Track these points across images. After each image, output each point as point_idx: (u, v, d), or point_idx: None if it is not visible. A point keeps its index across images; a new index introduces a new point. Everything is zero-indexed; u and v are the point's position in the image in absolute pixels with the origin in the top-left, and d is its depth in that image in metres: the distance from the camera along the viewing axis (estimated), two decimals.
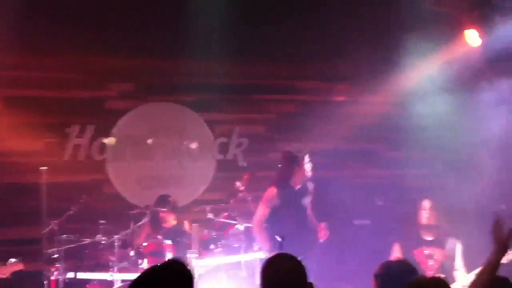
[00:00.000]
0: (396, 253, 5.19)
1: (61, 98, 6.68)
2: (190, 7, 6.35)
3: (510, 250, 3.26)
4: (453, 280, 5.04)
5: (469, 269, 4.96)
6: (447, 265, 5.19)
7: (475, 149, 6.92)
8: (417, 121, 7.48)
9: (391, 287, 3.20)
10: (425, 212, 5.28)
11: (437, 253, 5.18)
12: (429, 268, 5.10)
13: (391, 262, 3.42)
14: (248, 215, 5.73)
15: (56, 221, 5.49)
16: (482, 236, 3.22)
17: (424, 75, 7.15)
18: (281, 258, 2.83)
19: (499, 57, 6.45)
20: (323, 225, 5.39)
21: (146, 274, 2.43)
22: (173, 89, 7.01)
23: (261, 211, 5.44)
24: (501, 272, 3.12)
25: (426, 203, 5.32)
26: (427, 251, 5.16)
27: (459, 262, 5.20)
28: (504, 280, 3.13)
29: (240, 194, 5.84)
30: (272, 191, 5.45)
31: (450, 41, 6.95)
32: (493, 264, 3.02)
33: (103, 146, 6.77)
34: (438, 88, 7.12)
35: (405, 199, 7.34)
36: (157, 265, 2.48)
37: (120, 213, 5.97)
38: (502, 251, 3.04)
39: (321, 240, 5.40)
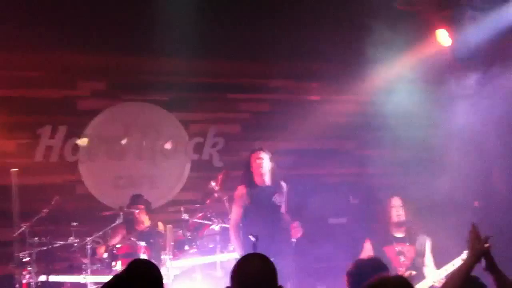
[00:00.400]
0: (367, 251, 5.25)
1: (32, 97, 6.58)
2: (165, 5, 6.30)
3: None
4: (424, 277, 5.12)
5: (438, 265, 5.04)
6: (418, 261, 5.25)
7: (445, 145, 7.03)
8: (388, 119, 7.58)
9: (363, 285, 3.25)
10: (395, 209, 5.34)
11: (408, 250, 5.25)
12: (401, 264, 5.16)
13: (362, 260, 3.46)
14: (223, 216, 5.73)
15: (27, 224, 5.39)
16: (451, 232, 3.28)
17: (395, 74, 7.23)
18: (251, 258, 2.78)
19: (469, 56, 6.56)
20: (296, 223, 5.41)
21: (113, 280, 2.39)
22: (147, 88, 6.95)
23: (235, 210, 5.49)
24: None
25: (396, 201, 5.38)
26: (398, 248, 5.23)
27: (429, 258, 5.28)
28: (475, 279, 3.19)
29: (215, 194, 5.83)
30: (241, 189, 5.50)
31: (421, 40, 7.04)
32: (466, 270, 3.08)
33: (75, 147, 6.68)
34: (409, 86, 7.21)
35: (377, 197, 7.45)
36: (123, 271, 2.44)
37: (93, 215, 5.91)
38: (477, 259, 3.09)
39: (294, 239, 5.42)
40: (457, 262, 4.59)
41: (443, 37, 6.87)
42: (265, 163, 5.41)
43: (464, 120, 6.59)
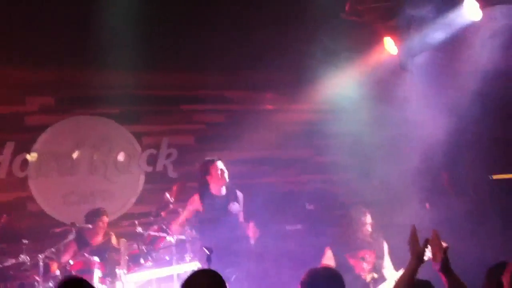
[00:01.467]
0: (328, 258, 5.30)
1: None
2: (113, 18, 6.24)
3: (427, 254, 3.39)
4: (385, 278, 5.21)
5: (397, 267, 5.14)
6: (379, 264, 5.35)
7: (397, 147, 7.21)
8: (341, 126, 7.74)
9: None
10: (367, 226, 5.40)
11: (370, 255, 5.33)
12: (363, 270, 5.24)
13: (316, 269, 3.49)
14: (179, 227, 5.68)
15: None
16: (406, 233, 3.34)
17: (346, 81, 7.38)
18: (200, 274, 2.79)
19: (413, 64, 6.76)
20: (251, 224, 5.43)
21: None
22: (96, 102, 6.85)
23: (185, 213, 5.60)
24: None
25: (368, 219, 5.44)
26: (360, 254, 5.29)
27: (387, 260, 5.38)
28: (426, 283, 3.27)
29: (171, 206, 5.78)
30: (195, 197, 5.59)
31: (370, 49, 7.23)
32: (410, 273, 3.19)
33: (24, 162, 6.51)
34: (359, 92, 7.38)
35: (334, 203, 7.56)
36: None
37: (45, 231, 5.76)
38: (419, 261, 3.20)
39: (252, 240, 5.43)
40: None
41: (390, 45, 7.07)
42: (226, 173, 5.48)
43: (414, 119, 6.77)
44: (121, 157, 6.89)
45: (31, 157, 6.52)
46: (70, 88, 6.76)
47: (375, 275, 5.17)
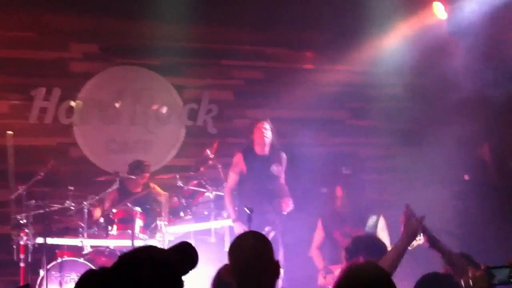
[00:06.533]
0: (319, 229, 5.41)
1: (24, 58, 6.50)
2: None
3: (419, 237, 3.46)
4: None
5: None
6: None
7: (436, 116, 7.14)
8: (382, 90, 7.67)
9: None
10: (339, 199, 5.35)
11: (356, 232, 5.22)
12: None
13: (360, 236, 3.59)
14: (218, 183, 5.81)
15: (24, 186, 5.42)
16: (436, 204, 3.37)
17: (391, 45, 7.26)
18: (245, 236, 2.83)
19: (463, 31, 6.60)
20: (289, 200, 5.50)
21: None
22: (139, 52, 6.87)
23: (230, 177, 5.66)
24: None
25: (339, 191, 5.37)
26: (346, 230, 5.24)
27: (383, 236, 5.22)
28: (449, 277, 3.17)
29: (210, 162, 5.90)
30: (239, 157, 5.62)
31: (417, 12, 7.06)
32: (402, 248, 3.23)
33: (69, 110, 6.66)
34: (404, 58, 7.26)
35: (368, 168, 7.60)
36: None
37: (88, 178, 5.94)
38: (411, 239, 3.26)
39: (284, 212, 5.52)
40: None
41: (439, 9, 6.90)
42: (269, 133, 5.53)
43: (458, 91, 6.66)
44: (164, 109, 6.97)
45: (77, 104, 6.66)
46: (113, 37, 6.78)
47: None
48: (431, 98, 7.25)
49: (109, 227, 5.43)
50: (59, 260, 5.23)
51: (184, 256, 2.30)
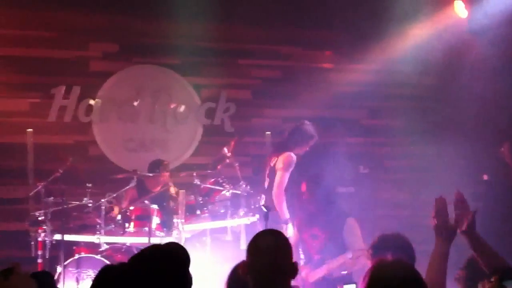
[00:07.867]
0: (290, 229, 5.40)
1: (44, 57, 6.58)
2: None
3: None
4: None
5: None
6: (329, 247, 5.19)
7: (457, 116, 7.05)
8: (400, 90, 7.60)
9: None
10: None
11: (320, 234, 5.12)
12: (312, 248, 5.13)
13: (386, 235, 3.53)
14: (235, 181, 5.81)
15: (42, 183, 5.48)
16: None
17: (409, 44, 7.20)
18: (265, 234, 2.79)
19: (485, 29, 6.52)
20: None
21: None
22: (158, 51, 6.91)
23: (285, 177, 5.69)
24: None
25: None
26: (313, 231, 5.13)
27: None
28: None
29: (227, 160, 5.90)
30: (291, 156, 5.70)
31: (437, 11, 6.99)
32: (443, 259, 2.76)
33: (88, 108, 6.72)
34: (423, 57, 7.20)
35: (386, 166, 7.54)
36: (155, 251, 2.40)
37: (106, 176, 5.99)
38: (449, 243, 2.80)
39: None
40: None
41: (460, 8, 6.82)
42: None
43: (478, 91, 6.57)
44: (180, 108, 7.00)
45: (96, 102, 6.72)
46: (133, 36, 6.83)
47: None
48: (450, 98, 7.17)
49: (126, 224, 5.46)
50: (76, 256, 5.28)
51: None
